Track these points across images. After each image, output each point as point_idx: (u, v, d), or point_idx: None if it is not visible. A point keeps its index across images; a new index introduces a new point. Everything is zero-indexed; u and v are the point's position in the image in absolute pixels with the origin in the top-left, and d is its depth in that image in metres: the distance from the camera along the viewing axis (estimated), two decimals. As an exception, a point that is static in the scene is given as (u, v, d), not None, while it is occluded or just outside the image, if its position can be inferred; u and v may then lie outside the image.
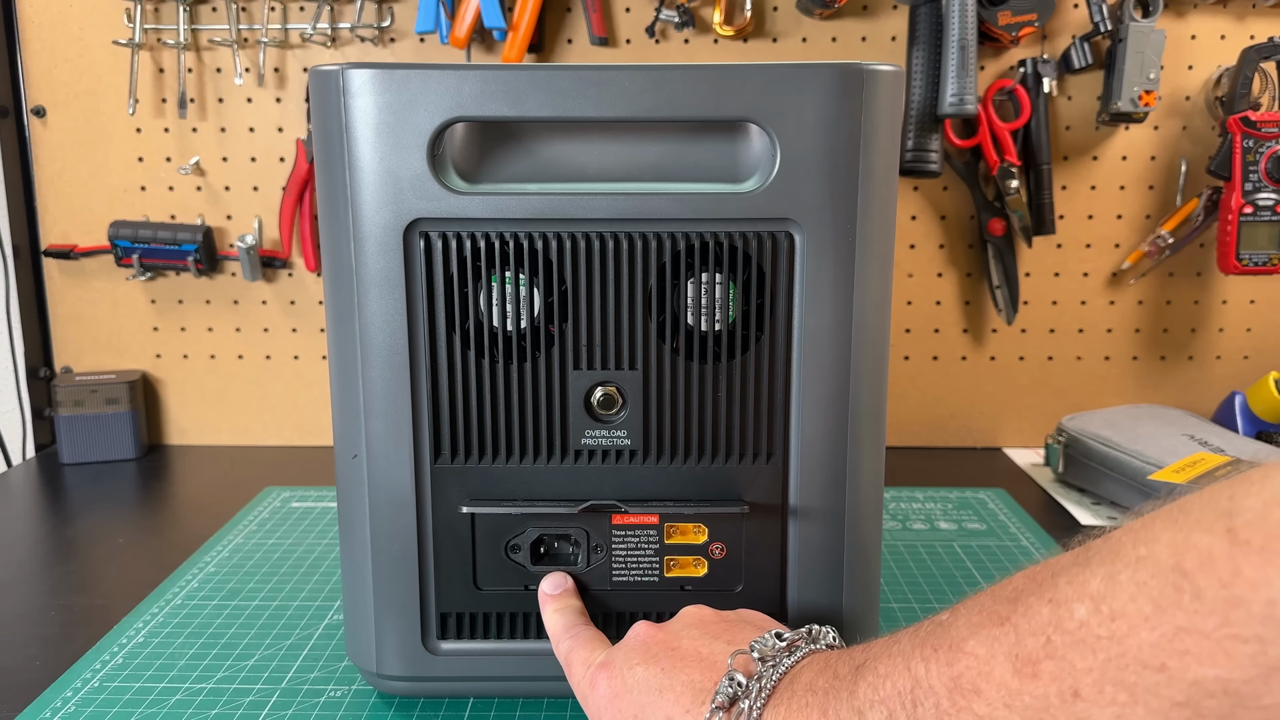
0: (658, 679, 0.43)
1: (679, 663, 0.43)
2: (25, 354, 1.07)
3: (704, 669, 0.42)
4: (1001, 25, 0.94)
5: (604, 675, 0.45)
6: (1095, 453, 0.88)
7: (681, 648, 0.44)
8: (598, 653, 0.48)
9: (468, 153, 0.52)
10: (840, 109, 0.49)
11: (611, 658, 0.46)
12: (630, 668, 0.44)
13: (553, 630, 0.52)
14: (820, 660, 0.39)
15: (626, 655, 0.45)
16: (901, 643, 0.35)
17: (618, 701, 0.43)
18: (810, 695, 0.37)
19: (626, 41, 1.01)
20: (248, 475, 0.98)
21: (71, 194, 1.04)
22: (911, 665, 0.33)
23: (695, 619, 0.48)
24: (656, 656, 0.44)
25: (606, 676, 0.45)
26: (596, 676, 0.46)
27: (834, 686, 0.36)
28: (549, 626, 0.53)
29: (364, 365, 0.52)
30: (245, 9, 1.00)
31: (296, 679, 0.60)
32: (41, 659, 0.63)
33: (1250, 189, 0.94)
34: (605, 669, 0.46)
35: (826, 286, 0.51)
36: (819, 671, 0.38)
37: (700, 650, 0.44)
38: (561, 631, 0.51)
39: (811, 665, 0.39)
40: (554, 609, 0.53)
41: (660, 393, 0.53)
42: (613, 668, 0.45)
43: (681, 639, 0.45)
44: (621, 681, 0.44)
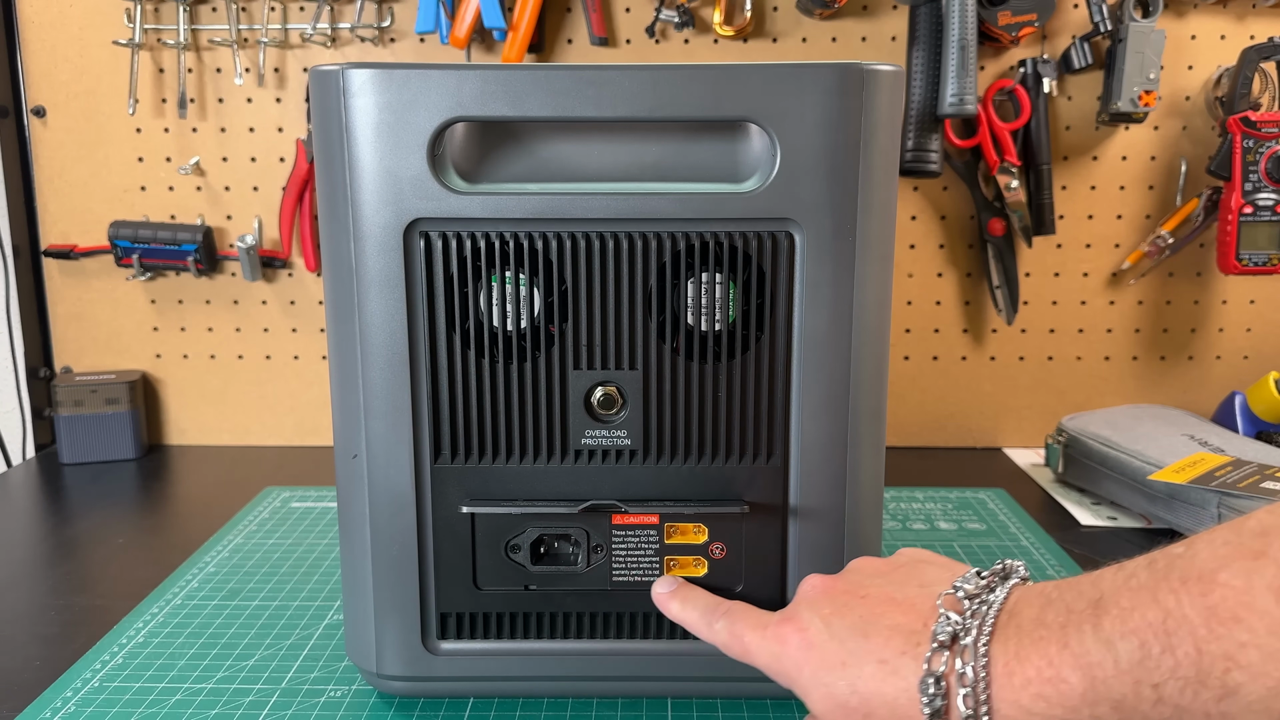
0: (858, 625, 0.42)
1: (876, 608, 0.42)
2: (25, 354, 1.07)
3: (905, 612, 0.41)
4: (1001, 25, 0.94)
5: (791, 629, 0.44)
6: (1095, 453, 0.88)
7: (871, 594, 0.43)
8: (764, 615, 0.47)
9: (468, 153, 0.52)
10: (840, 109, 0.49)
11: (794, 613, 0.45)
12: (821, 618, 0.43)
13: (691, 620, 0.50)
14: (1032, 596, 0.39)
15: (810, 606, 0.44)
16: (1137, 577, 0.35)
17: (816, 652, 0.42)
18: (1042, 629, 0.36)
19: (626, 41, 1.01)
20: (248, 475, 0.98)
21: (71, 194, 1.04)
22: (1159, 597, 0.33)
23: (870, 568, 0.47)
24: (847, 604, 0.43)
25: (795, 629, 0.44)
26: (782, 633, 0.44)
27: (1069, 620, 0.36)
28: (685, 620, 0.51)
29: (364, 365, 0.52)
30: (245, 9, 1.00)
31: (296, 679, 0.60)
32: (41, 659, 0.63)
33: (1250, 189, 0.94)
34: (789, 623, 0.44)
35: (826, 286, 0.51)
36: (1042, 607, 0.37)
37: (893, 595, 0.43)
38: (705, 614, 0.50)
39: (1026, 600, 0.38)
40: (680, 602, 0.52)
41: (660, 393, 0.53)
42: (799, 620, 0.44)
43: (866, 587, 0.44)
44: (816, 632, 0.43)
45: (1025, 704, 0.36)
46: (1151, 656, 0.33)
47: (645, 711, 0.56)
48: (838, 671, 0.41)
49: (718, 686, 0.57)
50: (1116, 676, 0.34)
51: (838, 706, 0.41)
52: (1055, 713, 0.35)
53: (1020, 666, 0.36)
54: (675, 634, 0.56)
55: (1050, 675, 0.35)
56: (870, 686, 0.40)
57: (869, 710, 0.40)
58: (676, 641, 0.56)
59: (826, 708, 0.41)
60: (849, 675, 0.41)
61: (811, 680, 0.42)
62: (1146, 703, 0.33)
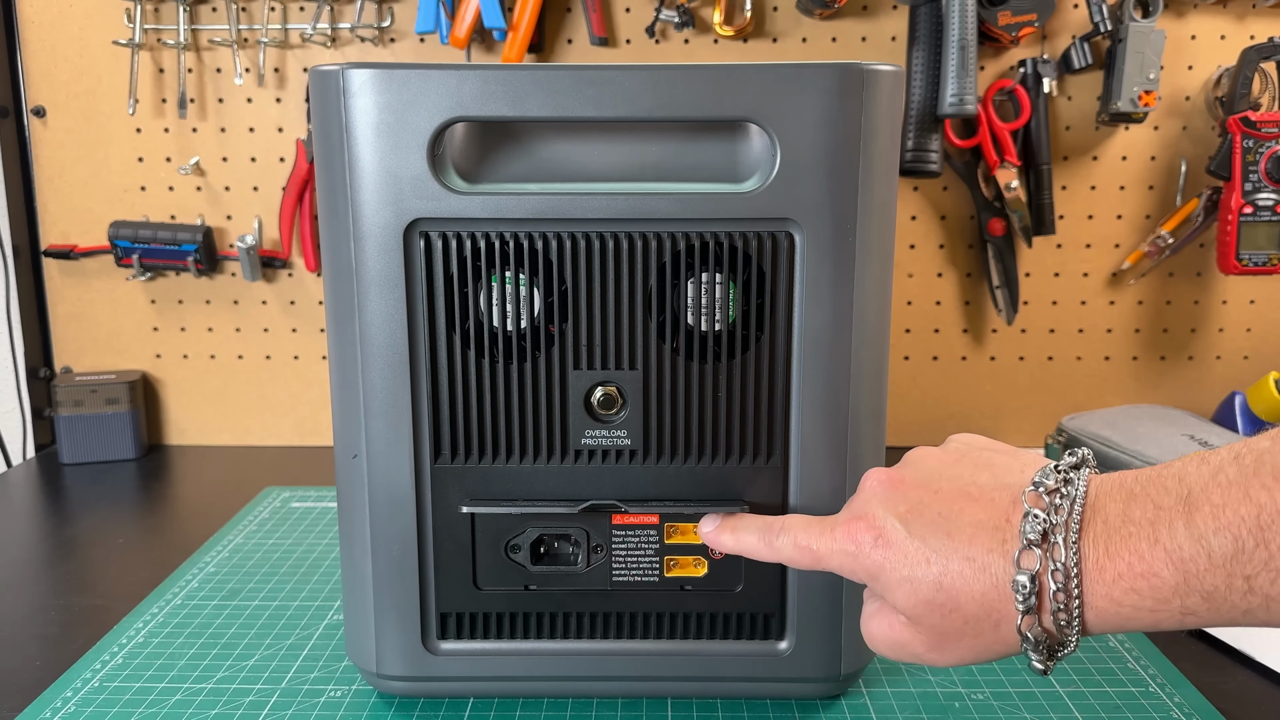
0: (938, 522, 0.41)
1: (953, 504, 0.42)
2: (25, 354, 1.07)
3: (984, 507, 0.41)
4: (1001, 25, 0.94)
5: (863, 527, 0.43)
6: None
7: (944, 489, 0.43)
8: (825, 520, 0.46)
9: (468, 153, 0.52)
10: (840, 109, 0.49)
11: (864, 509, 0.44)
12: (897, 516, 0.42)
13: (750, 545, 0.49)
14: (1112, 489, 0.38)
15: (881, 504, 0.43)
16: (1225, 473, 0.35)
17: (896, 550, 0.42)
18: (1130, 525, 0.37)
19: (626, 41, 1.01)
20: (248, 475, 0.98)
21: (71, 194, 1.04)
22: (1251, 493, 0.34)
23: (933, 460, 0.45)
24: (922, 500, 0.42)
25: (867, 527, 0.43)
26: (853, 532, 0.43)
27: (1158, 517, 0.36)
28: (744, 547, 0.49)
29: (364, 365, 0.52)
30: (245, 9, 1.00)
31: (296, 679, 0.60)
32: (41, 659, 0.63)
33: (1250, 189, 0.94)
34: (860, 521, 0.44)
35: (826, 286, 0.51)
36: (1126, 501, 0.38)
37: (966, 489, 0.42)
38: (762, 534, 0.48)
39: (1107, 494, 0.38)
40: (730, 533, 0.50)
41: (660, 393, 0.53)
42: (871, 518, 0.43)
43: (937, 480, 0.43)
44: (893, 530, 0.42)
45: (1117, 597, 0.37)
46: (1245, 550, 0.34)
47: (645, 711, 0.56)
48: (922, 568, 0.41)
49: (718, 686, 0.57)
50: (1210, 570, 0.35)
51: (923, 602, 0.41)
52: (1146, 604, 0.36)
53: (1111, 562, 0.37)
54: (675, 634, 0.56)
55: (1142, 570, 0.36)
56: (958, 583, 0.40)
57: (956, 605, 0.40)
58: (676, 641, 0.56)
59: (911, 603, 0.41)
60: (934, 572, 0.40)
61: (894, 577, 0.42)
62: (1237, 593, 0.35)
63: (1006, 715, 0.56)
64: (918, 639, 0.42)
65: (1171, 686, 0.59)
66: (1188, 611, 0.36)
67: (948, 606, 0.40)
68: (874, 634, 0.45)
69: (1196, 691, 0.58)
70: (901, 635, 0.43)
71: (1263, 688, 0.59)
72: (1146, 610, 0.37)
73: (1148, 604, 0.36)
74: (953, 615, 0.40)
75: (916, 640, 0.42)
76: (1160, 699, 0.57)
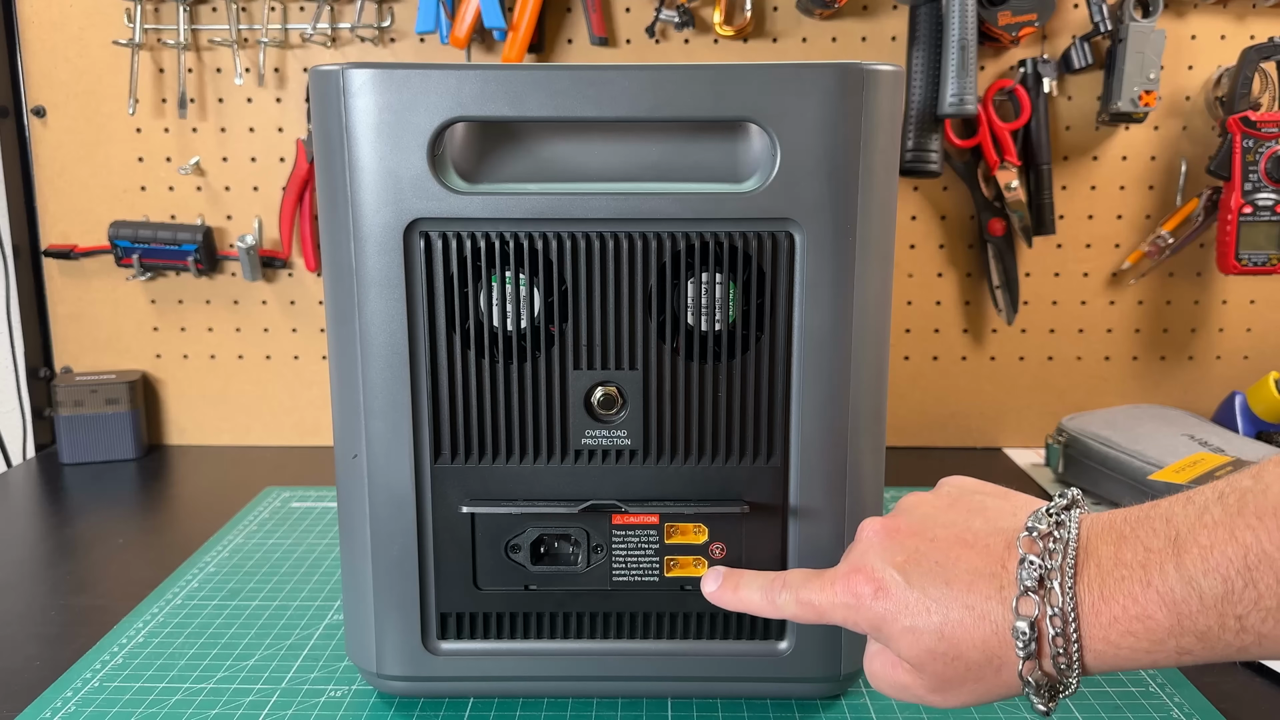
0: (936, 571, 0.41)
1: (949, 552, 0.42)
2: (25, 354, 1.07)
3: (979, 554, 0.41)
4: (1001, 25, 0.94)
5: (862, 580, 0.43)
6: (1095, 453, 0.88)
7: (939, 536, 0.43)
8: (825, 574, 0.46)
9: (468, 153, 0.52)
10: (840, 109, 0.49)
11: (862, 561, 0.44)
12: (895, 566, 0.43)
13: (754, 602, 0.49)
14: (1103, 531, 0.39)
15: (878, 556, 0.43)
16: (1210, 513, 0.36)
17: (895, 601, 0.42)
18: (1123, 569, 0.37)
19: (626, 41, 1.01)
20: (248, 475, 0.98)
21: (71, 194, 1.04)
22: (1237, 534, 0.34)
23: (925, 506, 0.46)
24: (919, 550, 0.43)
25: (866, 580, 0.43)
26: (853, 585, 0.43)
27: (1149, 560, 0.37)
28: (747, 605, 0.49)
29: (364, 365, 0.52)
30: (245, 9, 1.00)
31: (296, 679, 0.60)
32: (41, 659, 0.63)
33: (1250, 189, 0.94)
34: (859, 574, 0.44)
35: (826, 286, 0.51)
36: (1118, 544, 0.38)
37: (961, 535, 0.42)
38: (764, 592, 0.48)
39: (1099, 536, 0.39)
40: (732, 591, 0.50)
41: (660, 393, 0.53)
42: (869, 570, 0.43)
43: (932, 528, 0.43)
44: (892, 581, 0.42)
45: (1114, 640, 0.37)
46: (1235, 591, 0.34)
47: (645, 711, 0.56)
48: (923, 618, 0.41)
49: (718, 686, 0.57)
50: (1202, 611, 0.35)
51: (925, 651, 0.41)
52: (1142, 645, 0.37)
53: (1106, 605, 0.37)
54: (675, 634, 0.56)
55: (1137, 613, 0.37)
56: (959, 632, 0.40)
57: (958, 653, 0.40)
58: (676, 641, 0.56)
59: (914, 652, 0.41)
60: (935, 621, 0.41)
61: (895, 628, 0.42)
62: (1230, 632, 0.35)
63: (1006, 715, 0.56)
64: (921, 683, 0.43)
65: (1171, 686, 0.59)
66: (1183, 651, 0.36)
67: (950, 655, 0.41)
68: (877, 674, 0.45)
69: (1196, 691, 0.58)
70: (904, 679, 0.43)
71: (1263, 688, 0.59)
72: (1143, 651, 0.37)
73: (1144, 645, 0.37)
74: (955, 663, 0.41)
75: (919, 684, 0.43)
76: (1160, 699, 0.57)
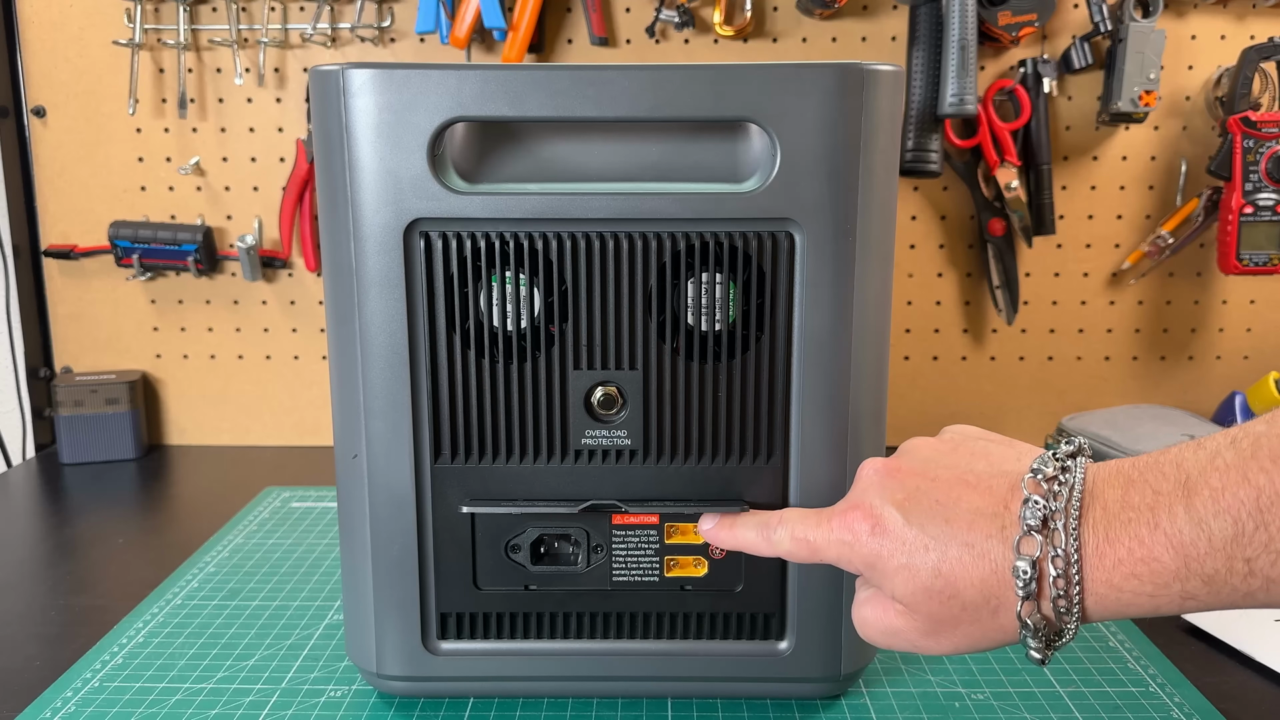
0: (936, 509, 0.41)
1: (950, 491, 0.41)
2: (25, 354, 1.07)
3: (981, 494, 0.41)
4: (1001, 25, 0.94)
5: (859, 516, 0.43)
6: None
7: (940, 476, 0.42)
8: (821, 511, 0.45)
9: (468, 153, 0.52)
10: (840, 109, 0.49)
11: (860, 499, 0.44)
12: (894, 504, 0.42)
13: (749, 540, 0.49)
14: (1110, 476, 0.38)
15: (879, 492, 0.43)
16: (1222, 456, 0.35)
17: (893, 538, 0.42)
18: (1130, 511, 0.37)
19: (626, 41, 1.01)
20: (248, 475, 0.98)
21: (71, 194, 1.04)
22: (1250, 476, 0.34)
23: (928, 449, 0.45)
24: (919, 488, 0.42)
25: (863, 516, 0.43)
26: (849, 521, 0.43)
27: (1157, 502, 0.36)
28: (743, 543, 0.49)
29: (364, 365, 0.52)
30: (245, 9, 1.00)
31: (296, 679, 0.60)
32: (41, 659, 0.63)
33: (1250, 189, 0.94)
34: (856, 510, 0.43)
35: (826, 286, 0.51)
36: (1124, 488, 0.38)
37: (963, 476, 0.42)
38: (760, 530, 0.48)
39: (1105, 481, 0.38)
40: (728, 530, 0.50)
41: (660, 393, 0.53)
42: (867, 507, 0.43)
43: (933, 468, 0.43)
44: (890, 518, 0.42)
45: (1117, 583, 0.37)
46: (1245, 533, 0.34)
47: (645, 711, 0.56)
48: (920, 555, 0.41)
49: (718, 686, 0.57)
50: (1210, 554, 0.35)
51: (921, 589, 0.41)
52: (1146, 589, 0.36)
53: (1111, 548, 0.37)
54: (675, 634, 0.56)
55: (1142, 555, 0.36)
56: (957, 570, 0.40)
57: (954, 591, 0.40)
58: (676, 641, 0.56)
59: (909, 590, 0.41)
60: (932, 558, 0.40)
61: (891, 564, 0.42)
62: (1238, 576, 0.35)
63: (1006, 715, 0.56)
64: (913, 626, 0.42)
65: (1171, 686, 0.59)
66: (1188, 596, 0.36)
67: (946, 593, 0.40)
68: (867, 619, 0.44)
69: (1196, 691, 0.58)
70: (896, 622, 0.43)
71: (1263, 688, 0.59)
72: (1146, 595, 0.37)
73: (1148, 589, 0.36)
74: (951, 602, 0.40)
75: (912, 627, 0.42)
76: (1160, 699, 0.57)
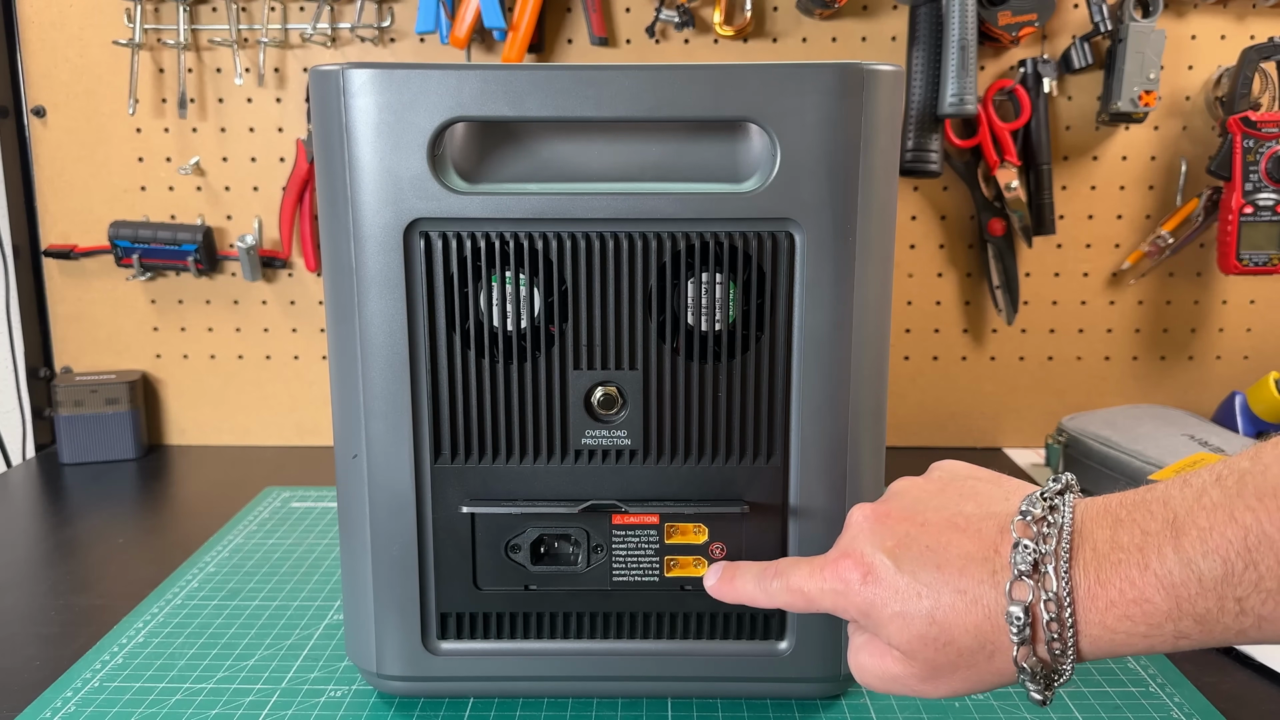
0: (926, 555, 0.41)
1: (940, 536, 0.41)
2: (25, 354, 1.07)
3: (971, 538, 0.41)
4: (1001, 25, 0.94)
5: (850, 565, 0.43)
6: (1095, 453, 0.88)
7: (930, 520, 0.42)
8: (814, 560, 0.45)
9: (468, 153, 0.52)
10: (840, 109, 0.49)
11: (851, 547, 0.43)
12: (885, 551, 0.42)
13: (749, 593, 0.49)
14: (1098, 515, 0.38)
15: (868, 540, 0.43)
16: (1209, 495, 0.35)
17: (885, 586, 0.41)
18: (1119, 553, 0.37)
19: (626, 41, 1.01)
20: (248, 475, 0.98)
21: (71, 194, 1.04)
22: (1237, 515, 0.34)
23: (916, 490, 0.45)
24: (909, 534, 0.42)
25: (854, 565, 0.43)
26: (840, 571, 0.43)
27: (1146, 543, 0.36)
28: (743, 596, 0.49)
29: (364, 365, 0.52)
30: (245, 9, 1.00)
31: (296, 679, 0.60)
32: (41, 659, 0.63)
33: (1250, 189, 0.94)
34: (847, 559, 0.43)
35: (826, 286, 0.51)
36: (1114, 528, 0.37)
37: (953, 519, 0.42)
38: (757, 581, 0.48)
39: (1093, 520, 0.38)
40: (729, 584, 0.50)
41: (660, 393, 0.53)
42: (858, 555, 0.43)
43: (922, 512, 0.43)
44: (881, 566, 0.42)
45: (1110, 624, 0.37)
46: (1235, 573, 0.34)
47: (645, 711, 0.56)
48: (914, 603, 0.41)
49: (718, 686, 0.57)
50: (1201, 594, 0.35)
51: (915, 636, 0.41)
52: (1139, 630, 0.36)
53: (1102, 590, 0.37)
54: (675, 634, 0.56)
55: (1134, 596, 0.36)
56: (951, 617, 0.40)
57: (950, 638, 0.40)
58: (676, 641, 0.56)
59: (904, 638, 0.41)
60: (925, 606, 0.40)
61: (885, 613, 0.42)
62: (1229, 615, 0.35)
63: (1006, 715, 0.56)
64: (911, 672, 0.42)
65: (1171, 686, 0.59)
66: (1181, 635, 0.36)
67: (941, 640, 0.40)
68: (865, 666, 0.44)
69: (1196, 691, 0.58)
70: (894, 669, 0.43)
71: (1263, 688, 0.59)
72: (1140, 636, 0.37)
73: (1141, 629, 0.36)
74: (947, 649, 0.40)
75: (910, 673, 0.42)
76: (1160, 699, 0.57)
